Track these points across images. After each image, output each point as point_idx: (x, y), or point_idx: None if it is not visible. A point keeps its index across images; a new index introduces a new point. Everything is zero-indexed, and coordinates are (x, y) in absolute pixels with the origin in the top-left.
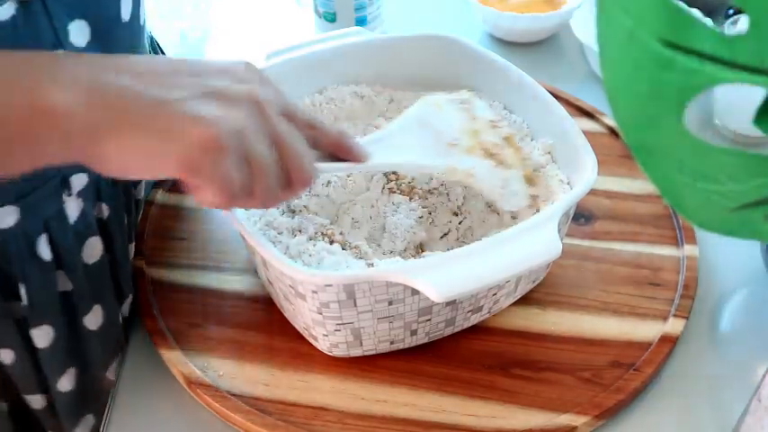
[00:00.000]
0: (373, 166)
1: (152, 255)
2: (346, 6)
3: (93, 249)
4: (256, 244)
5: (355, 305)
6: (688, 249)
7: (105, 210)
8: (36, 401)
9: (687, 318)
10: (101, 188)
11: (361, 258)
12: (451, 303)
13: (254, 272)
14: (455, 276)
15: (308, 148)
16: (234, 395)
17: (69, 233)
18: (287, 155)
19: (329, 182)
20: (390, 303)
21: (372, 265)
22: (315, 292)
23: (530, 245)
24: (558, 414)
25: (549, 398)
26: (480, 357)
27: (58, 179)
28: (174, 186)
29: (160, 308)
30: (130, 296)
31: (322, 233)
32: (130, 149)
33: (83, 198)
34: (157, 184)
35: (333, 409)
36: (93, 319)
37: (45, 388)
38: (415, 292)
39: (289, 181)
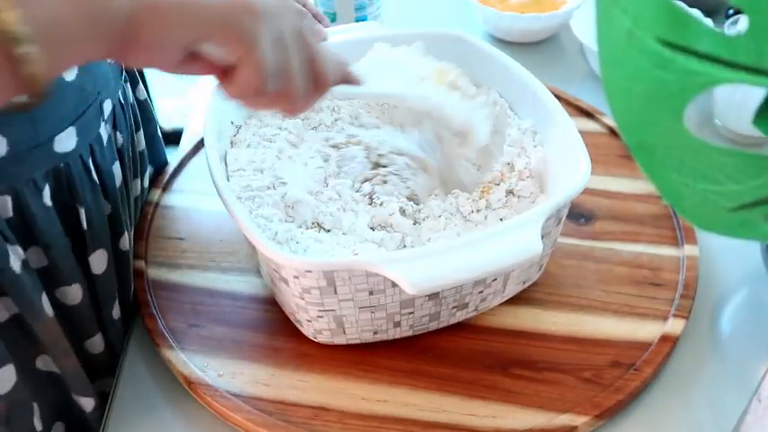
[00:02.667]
0: (370, 93)
1: (151, 255)
2: (346, 6)
3: (118, 173)
4: (243, 226)
5: (336, 293)
6: (688, 249)
7: (120, 138)
8: (96, 344)
9: (687, 318)
10: (116, 116)
11: (346, 236)
12: (434, 298)
13: (255, 272)
14: (431, 270)
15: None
16: (234, 395)
17: (105, 156)
18: (315, 54)
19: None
20: (371, 293)
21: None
22: (296, 277)
23: (510, 244)
24: (558, 414)
25: (549, 398)
26: (480, 357)
27: (97, 102)
28: (170, 180)
29: (160, 308)
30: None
31: (314, 222)
32: (172, 24)
33: (109, 124)
34: (155, 184)
35: (333, 409)
36: (125, 242)
37: (101, 325)
38: (395, 283)
39: (313, 84)
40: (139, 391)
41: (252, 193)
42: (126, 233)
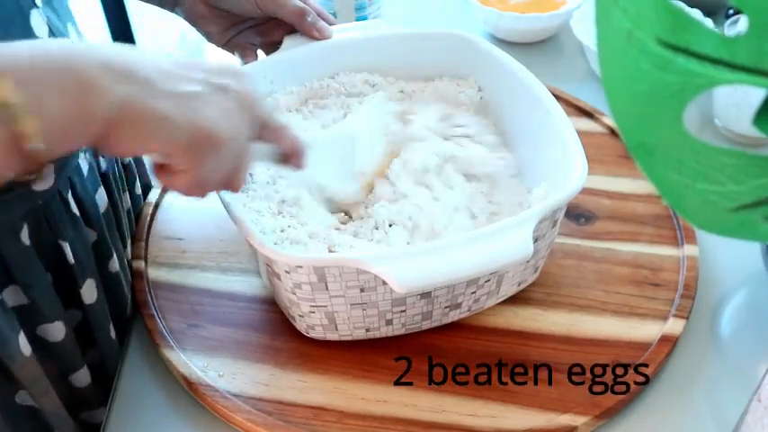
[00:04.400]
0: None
1: (151, 255)
2: (346, 6)
3: (102, 199)
4: (238, 221)
5: (327, 289)
6: (688, 249)
7: (103, 163)
8: (81, 378)
9: (687, 318)
10: None
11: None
12: (426, 297)
13: (255, 272)
14: (419, 269)
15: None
16: (234, 395)
17: (86, 186)
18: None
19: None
20: (362, 290)
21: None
22: (287, 272)
23: (501, 245)
24: (558, 414)
25: (549, 398)
26: (480, 357)
27: None
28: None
29: (160, 308)
30: (129, 240)
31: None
32: (144, 133)
33: (90, 153)
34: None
35: (333, 409)
36: (114, 264)
37: (86, 358)
38: (386, 281)
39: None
40: (139, 391)
41: (246, 185)
42: (114, 255)
